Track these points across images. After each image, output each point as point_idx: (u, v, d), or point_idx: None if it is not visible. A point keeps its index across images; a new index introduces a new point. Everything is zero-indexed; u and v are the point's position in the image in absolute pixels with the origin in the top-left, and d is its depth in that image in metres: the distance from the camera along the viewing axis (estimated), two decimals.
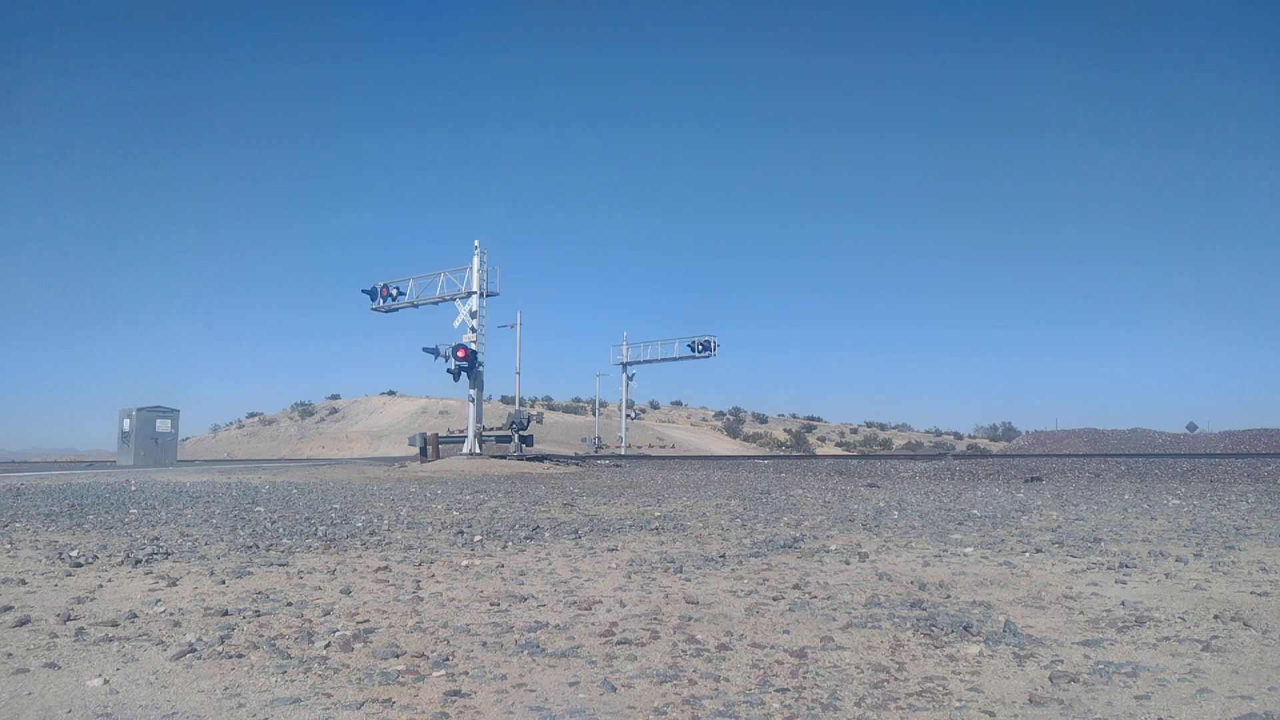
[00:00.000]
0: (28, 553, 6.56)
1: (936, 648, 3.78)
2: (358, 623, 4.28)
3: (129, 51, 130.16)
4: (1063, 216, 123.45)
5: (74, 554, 6.39)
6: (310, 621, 4.31)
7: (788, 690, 3.21)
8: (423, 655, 3.70)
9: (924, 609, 4.52)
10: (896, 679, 3.34)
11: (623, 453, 40.42)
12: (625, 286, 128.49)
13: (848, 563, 6.09)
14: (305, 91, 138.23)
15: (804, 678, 3.36)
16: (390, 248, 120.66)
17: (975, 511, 9.84)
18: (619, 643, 3.91)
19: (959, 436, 74.38)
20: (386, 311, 27.92)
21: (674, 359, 41.78)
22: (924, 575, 5.54)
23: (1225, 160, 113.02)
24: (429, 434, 26.60)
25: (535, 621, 4.31)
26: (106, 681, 3.32)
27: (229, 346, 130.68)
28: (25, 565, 5.97)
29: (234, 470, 23.17)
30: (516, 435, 26.22)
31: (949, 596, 4.88)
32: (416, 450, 26.40)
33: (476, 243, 25.35)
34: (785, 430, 73.24)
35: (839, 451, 55.73)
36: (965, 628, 4.06)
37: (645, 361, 42.78)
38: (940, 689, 3.21)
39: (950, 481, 16.69)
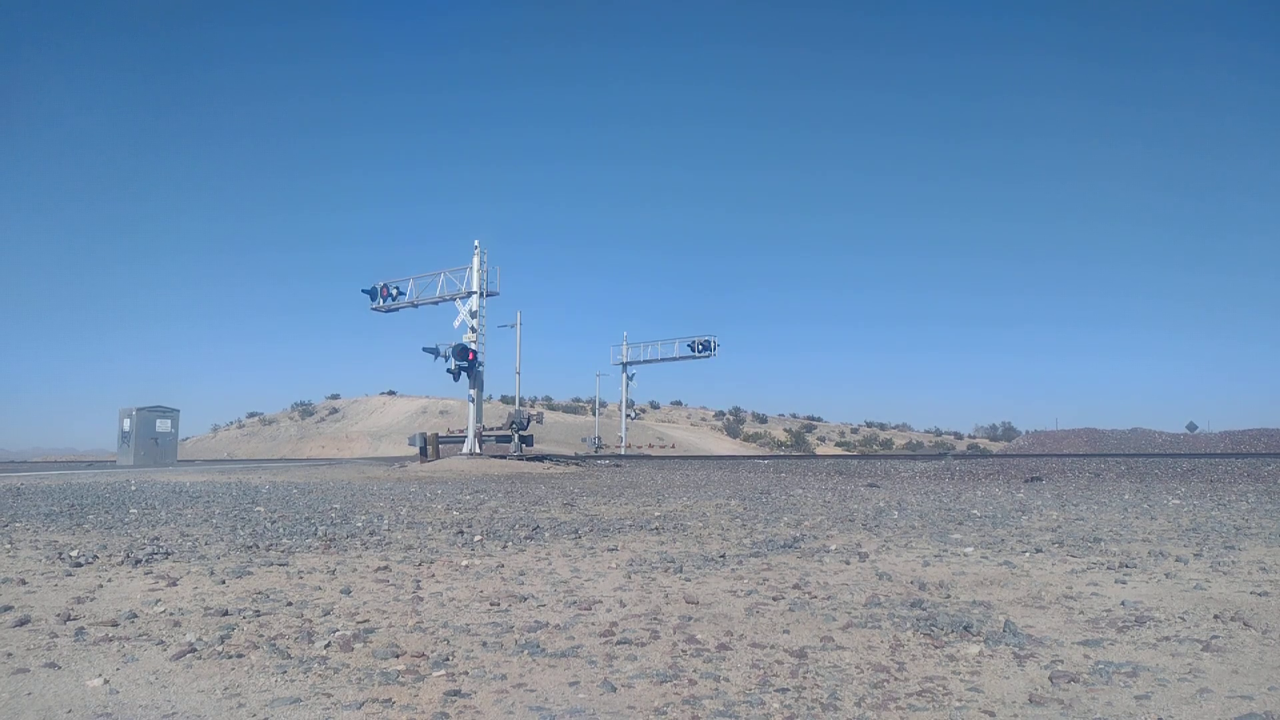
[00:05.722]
0: (28, 553, 6.56)
1: (936, 648, 3.78)
2: (358, 623, 4.28)
3: (129, 51, 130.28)
4: (1063, 216, 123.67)
5: (74, 554, 6.39)
6: (310, 621, 4.31)
7: (788, 690, 3.21)
8: (423, 655, 3.70)
9: (924, 609, 4.52)
10: (896, 679, 3.34)
11: (623, 453, 40.40)
12: (625, 286, 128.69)
13: (848, 563, 6.09)
14: (305, 91, 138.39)
15: (804, 678, 3.36)
16: (390, 248, 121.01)
17: (975, 511, 9.84)
18: (619, 643, 3.90)
19: (959, 436, 74.39)
20: (386, 311, 27.91)
21: (674, 359, 41.77)
22: (924, 575, 5.54)
23: (1225, 160, 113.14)
24: (429, 434, 26.58)
25: (535, 621, 4.31)
26: (106, 681, 3.32)
27: (229, 346, 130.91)
28: (25, 565, 5.97)
29: (234, 470, 23.17)
30: (516, 435, 26.21)
31: (949, 596, 4.88)
32: (416, 450, 26.39)
33: (476, 243, 25.36)
34: (785, 430, 73.25)
35: (839, 451, 55.71)
36: (965, 628, 4.06)
37: (645, 361, 42.78)
38: (940, 689, 3.21)
39: (950, 481, 16.69)
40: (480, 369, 25.28)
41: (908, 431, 77.11)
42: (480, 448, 25.24)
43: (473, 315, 25.18)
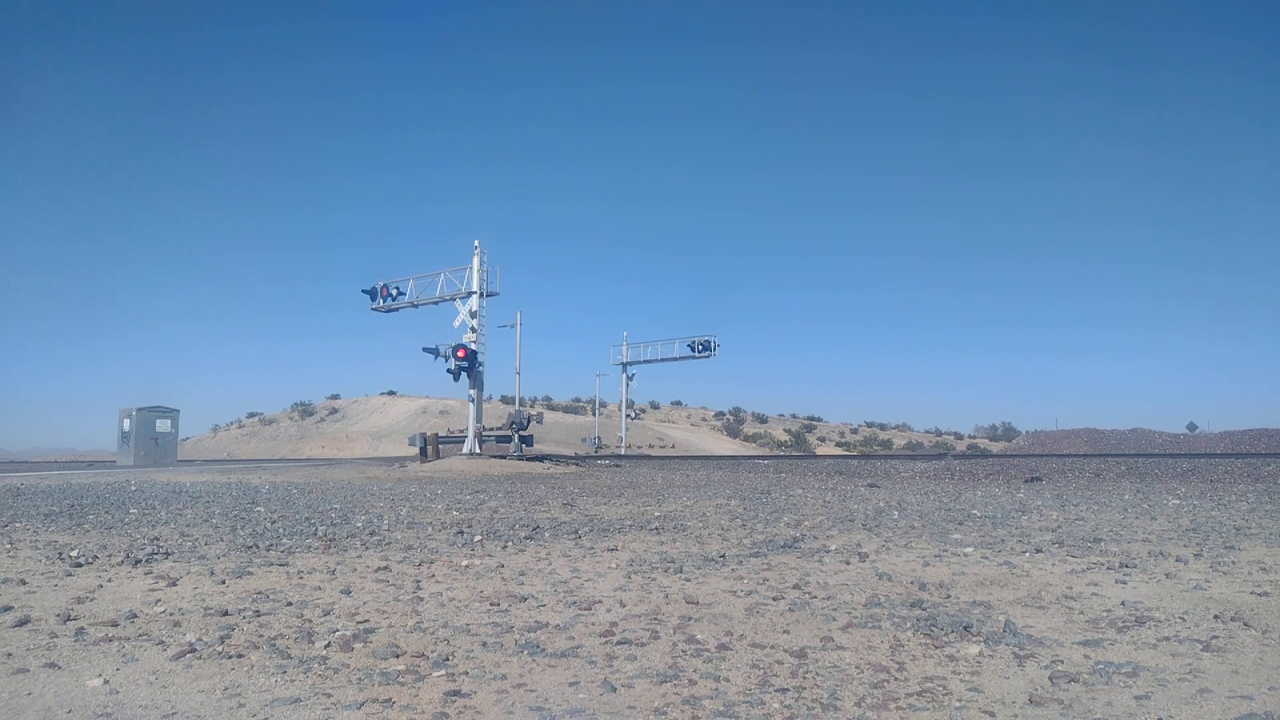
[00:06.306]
0: (28, 553, 6.56)
1: (936, 648, 3.78)
2: (358, 623, 4.28)
3: (129, 51, 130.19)
4: (1063, 216, 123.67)
5: (74, 554, 6.39)
6: (310, 621, 4.31)
7: (788, 690, 3.21)
8: (423, 655, 3.70)
9: (924, 609, 4.52)
10: (896, 679, 3.34)
11: (623, 453, 40.40)
12: (625, 286, 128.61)
13: (848, 563, 6.09)
14: (305, 91, 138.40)
15: (804, 678, 3.36)
16: (390, 248, 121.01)
17: (975, 511, 9.84)
18: (619, 643, 3.91)
19: (959, 436, 74.37)
20: (386, 311, 27.91)
21: (674, 359, 41.78)
22: (924, 575, 5.54)
23: (1225, 160, 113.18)
24: (429, 434, 26.58)
25: (535, 621, 4.31)
26: (106, 681, 3.32)
27: (229, 346, 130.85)
28: (25, 565, 5.97)
29: (234, 470, 23.17)
30: (516, 435, 26.21)
31: (949, 596, 4.88)
32: (416, 450, 26.39)
33: (476, 243, 25.36)
34: (785, 430, 73.24)
35: (839, 451, 55.71)
36: (965, 628, 4.06)
37: (645, 361, 42.78)
38: (940, 689, 3.21)
39: (950, 481, 16.69)
40: (480, 369, 25.28)
41: (908, 431, 77.09)
42: (480, 448, 25.24)
43: (473, 315, 25.18)
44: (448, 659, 3.64)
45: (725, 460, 32.80)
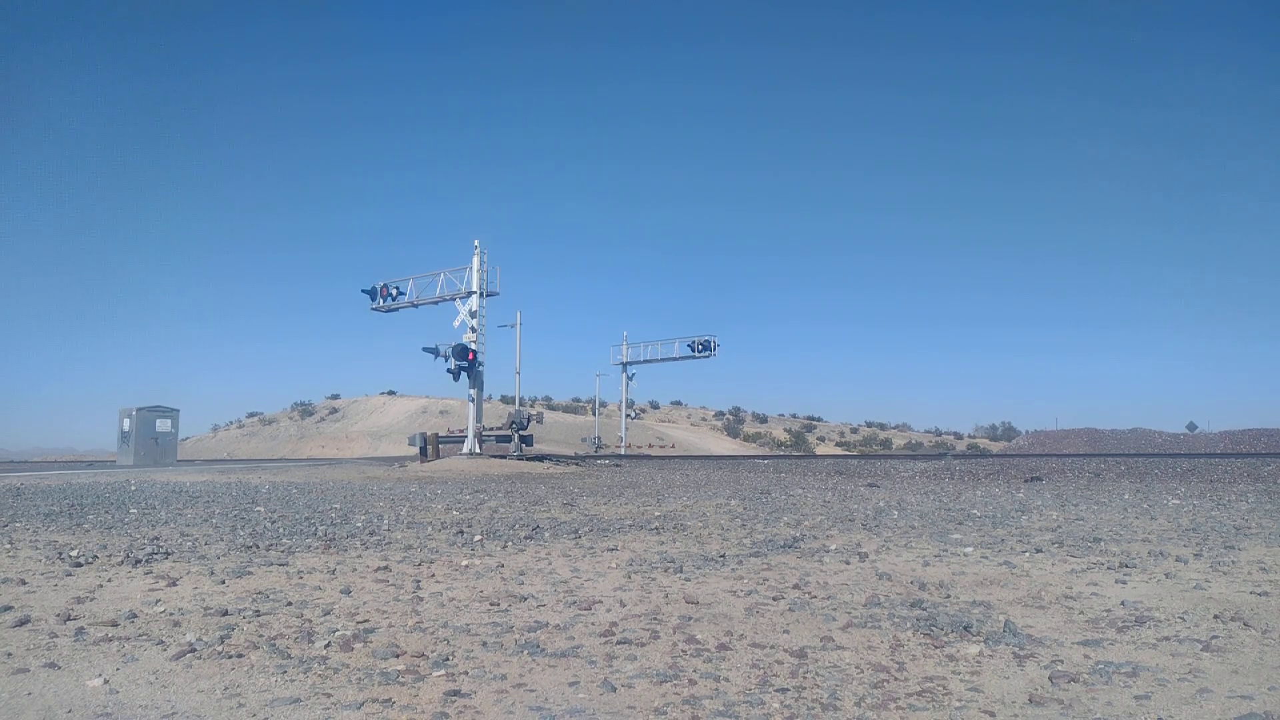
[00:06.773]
0: (28, 553, 6.56)
1: (936, 648, 3.78)
2: (358, 623, 4.28)
3: (129, 51, 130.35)
4: (1063, 216, 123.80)
5: (74, 554, 6.39)
6: (310, 621, 4.31)
7: (788, 690, 3.21)
8: (423, 655, 3.70)
9: (924, 609, 4.52)
10: (896, 679, 3.34)
11: (623, 453, 40.40)
12: (625, 286, 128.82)
13: (848, 563, 6.09)
14: (305, 91, 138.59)
15: (804, 678, 3.36)
16: (390, 248, 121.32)
17: (975, 511, 9.84)
18: (619, 642, 3.90)
19: (959, 436, 74.40)
20: (386, 311, 27.93)
21: (674, 359, 41.78)
22: (924, 575, 5.54)
23: (1225, 160, 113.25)
24: (429, 434, 26.59)
25: (535, 621, 4.31)
26: (106, 681, 3.32)
27: (229, 346, 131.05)
28: (25, 565, 5.97)
29: (234, 470, 23.17)
30: (516, 435, 26.22)
31: (949, 596, 4.88)
32: (416, 450, 26.40)
33: (476, 243, 25.37)
34: (785, 430, 73.25)
35: (839, 451, 55.70)
36: (965, 628, 4.06)
37: (645, 361, 42.78)
38: (940, 689, 3.21)
39: (950, 481, 16.69)
40: (480, 369, 25.29)
41: (908, 431, 77.11)
42: (480, 448, 25.24)
43: (473, 315, 25.19)
44: (448, 659, 3.64)
45: (725, 460, 32.79)
